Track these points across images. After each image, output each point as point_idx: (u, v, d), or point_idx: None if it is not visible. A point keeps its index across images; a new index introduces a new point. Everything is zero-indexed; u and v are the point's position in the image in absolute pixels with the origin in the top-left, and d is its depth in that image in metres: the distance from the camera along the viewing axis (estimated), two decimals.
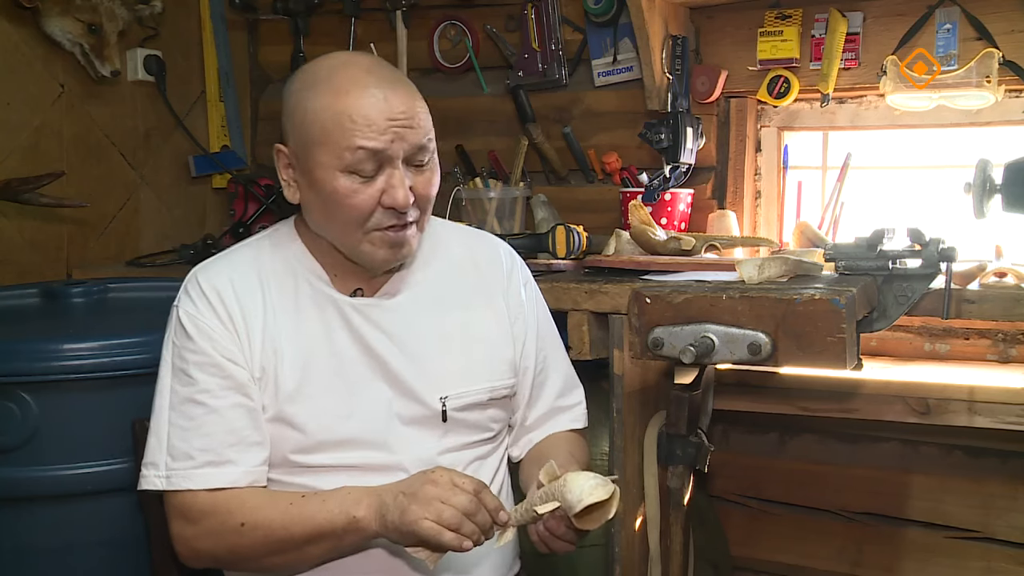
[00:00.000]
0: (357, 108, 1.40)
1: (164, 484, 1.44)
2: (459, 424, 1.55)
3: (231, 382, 1.45)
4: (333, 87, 1.42)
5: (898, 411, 2.06)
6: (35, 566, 1.81)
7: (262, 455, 1.46)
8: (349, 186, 1.42)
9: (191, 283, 1.51)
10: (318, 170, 1.43)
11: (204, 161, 3.02)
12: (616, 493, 1.35)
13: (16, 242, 2.57)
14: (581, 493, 1.33)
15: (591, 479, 1.35)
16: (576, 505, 1.32)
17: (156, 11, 2.82)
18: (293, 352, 1.48)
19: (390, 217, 1.45)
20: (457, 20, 2.83)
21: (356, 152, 1.40)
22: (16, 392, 1.77)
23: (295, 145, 1.46)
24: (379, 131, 1.40)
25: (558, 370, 1.71)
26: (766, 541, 2.61)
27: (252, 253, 1.56)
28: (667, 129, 2.34)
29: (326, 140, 1.41)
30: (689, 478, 1.94)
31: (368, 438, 1.49)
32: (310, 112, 1.42)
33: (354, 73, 1.43)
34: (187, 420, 1.44)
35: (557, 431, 1.68)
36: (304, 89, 1.45)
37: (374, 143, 1.40)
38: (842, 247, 1.79)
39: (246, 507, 1.42)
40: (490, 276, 1.65)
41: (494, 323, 1.62)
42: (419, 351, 1.54)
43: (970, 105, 2.24)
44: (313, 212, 1.50)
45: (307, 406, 1.47)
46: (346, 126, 1.40)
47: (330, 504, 1.40)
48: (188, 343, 1.46)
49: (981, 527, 2.37)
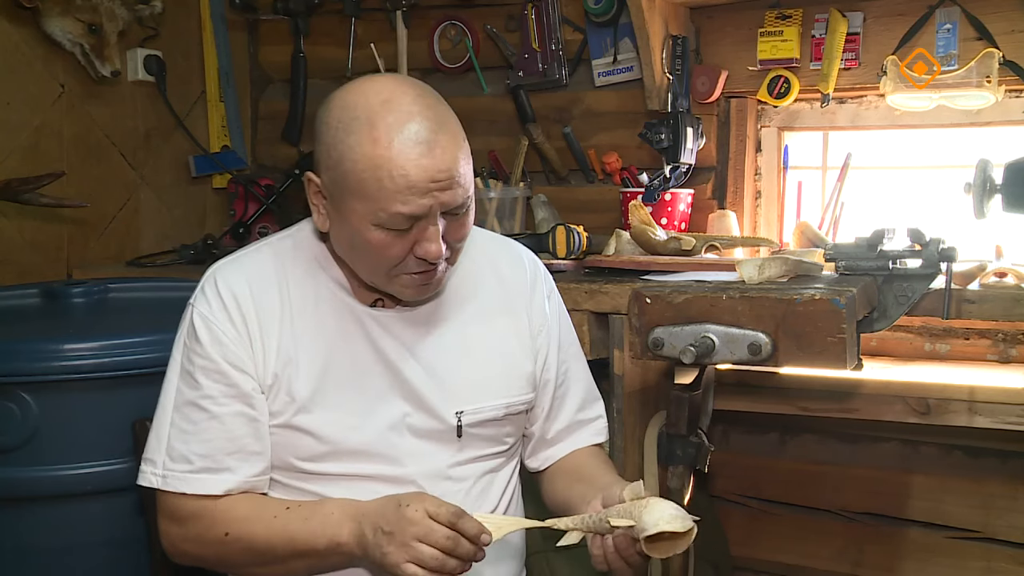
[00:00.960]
0: (397, 166, 1.31)
1: (159, 483, 1.44)
2: (473, 439, 1.53)
3: (235, 390, 1.43)
4: (373, 134, 1.32)
5: (898, 411, 2.06)
6: (35, 566, 1.81)
7: (260, 465, 1.45)
8: (383, 239, 1.36)
9: (208, 283, 1.48)
10: (352, 216, 1.36)
11: (204, 161, 3.01)
12: (693, 530, 1.33)
13: (16, 242, 2.57)
14: (659, 518, 1.31)
15: (673, 509, 1.33)
16: (651, 528, 1.30)
17: (156, 11, 2.82)
18: (309, 359, 1.46)
19: (421, 265, 1.40)
20: (457, 20, 2.83)
21: (392, 216, 1.34)
22: (16, 392, 1.76)
23: (329, 183, 1.39)
24: (419, 193, 1.33)
25: (579, 383, 1.67)
26: (766, 541, 2.61)
27: (273, 254, 1.52)
28: (667, 129, 2.34)
29: (362, 194, 1.34)
30: (689, 478, 1.94)
31: (379, 450, 1.47)
32: (347, 159, 1.34)
33: (396, 118, 1.33)
34: (188, 423, 1.44)
35: (579, 446, 1.65)
36: (341, 128, 1.36)
37: (411, 208, 1.33)
38: (842, 247, 1.79)
39: (231, 517, 1.42)
40: (513, 287, 1.61)
41: (515, 337, 1.58)
42: (437, 364, 1.51)
43: (970, 105, 2.24)
44: (341, 245, 1.45)
45: (320, 414, 1.45)
46: (385, 186, 1.32)
47: (312, 524, 1.39)
48: (197, 346, 1.44)
49: (981, 527, 2.37)
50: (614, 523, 1.34)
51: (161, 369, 1.51)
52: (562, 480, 1.61)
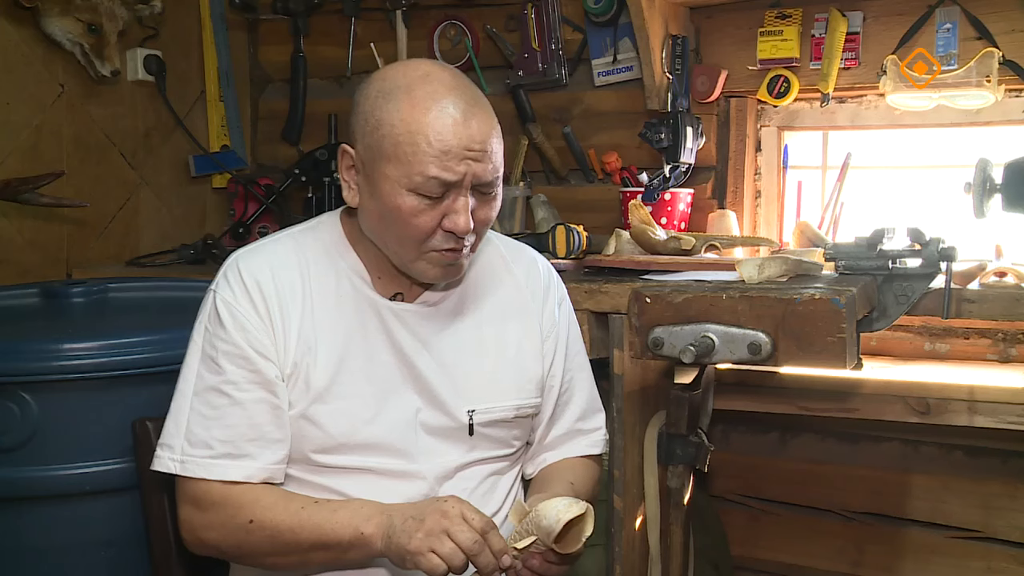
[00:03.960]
0: (434, 130, 1.36)
1: (178, 468, 1.43)
2: (484, 439, 1.54)
3: (258, 376, 1.43)
4: (412, 100, 1.37)
5: (898, 411, 2.06)
6: (35, 566, 1.81)
7: (281, 453, 1.45)
8: (415, 205, 1.38)
9: (231, 269, 1.48)
10: (384, 183, 1.39)
11: (204, 161, 3.01)
12: (590, 509, 1.34)
13: (16, 242, 2.57)
14: (557, 514, 1.32)
15: (561, 500, 1.35)
16: (555, 526, 1.32)
17: (156, 11, 2.82)
18: (327, 350, 1.46)
19: (448, 240, 1.42)
20: (457, 20, 2.83)
21: (427, 179, 1.36)
22: (16, 392, 1.76)
23: (363, 151, 1.42)
24: (455, 159, 1.36)
25: (582, 393, 1.68)
26: (766, 541, 2.61)
27: (294, 245, 1.52)
28: (667, 129, 2.34)
29: (398, 157, 1.37)
30: (689, 478, 1.94)
31: (391, 444, 1.48)
32: (385, 123, 1.38)
33: (435, 89, 1.38)
34: (210, 409, 1.43)
35: (572, 455, 1.66)
36: (381, 96, 1.39)
37: (447, 174, 1.37)
38: (842, 247, 1.79)
39: (258, 505, 1.42)
40: (527, 291, 1.63)
41: (526, 340, 1.60)
42: (452, 362, 1.52)
43: (970, 105, 2.24)
44: (370, 219, 1.46)
45: (334, 406, 1.46)
46: (421, 148, 1.36)
47: (340, 515, 1.39)
48: (221, 331, 1.44)
49: (981, 527, 2.37)
50: (519, 547, 1.36)
51: (162, 369, 1.51)
52: (531, 488, 1.63)
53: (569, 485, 1.57)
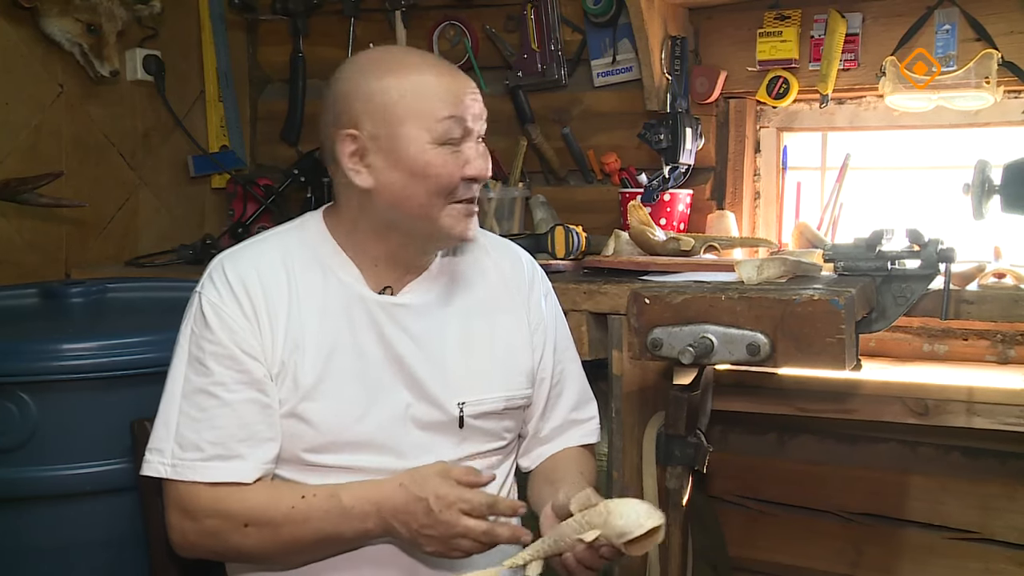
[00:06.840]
0: (435, 79, 1.46)
1: (169, 472, 1.43)
2: (474, 432, 1.55)
3: (247, 376, 1.43)
4: (407, 66, 1.47)
5: (897, 412, 2.06)
6: (35, 566, 1.81)
7: (272, 451, 1.45)
8: (440, 157, 1.45)
9: (216, 270, 1.49)
10: (410, 145, 1.44)
11: (203, 161, 3.01)
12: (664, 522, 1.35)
13: (15, 242, 2.57)
14: (638, 519, 1.33)
15: (641, 506, 1.35)
16: (635, 530, 1.32)
17: (155, 11, 2.81)
18: (315, 347, 1.47)
19: (468, 189, 1.48)
20: (456, 20, 2.83)
21: (447, 122, 1.44)
22: (16, 392, 1.76)
23: (373, 128, 1.45)
24: (460, 97, 1.46)
25: (574, 383, 1.70)
26: (765, 541, 2.61)
27: (279, 244, 1.53)
28: (666, 129, 2.34)
29: (414, 113, 1.44)
30: (688, 478, 1.93)
31: (382, 441, 1.48)
32: (390, 92, 1.44)
33: (408, 53, 1.54)
34: (199, 411, 1.43)
35: (569, 446, 1.68)
36: (372, 77, 1.46)
37: (459, 110, 1.45)
38: (841, 248, 1.79)
39: (249, 506, 1.42)
40: (513, 285, 1.65)
41: (516, 332, 1.62)
42: (441, 355, 1.53)
43: (969, 106, 2.24)
44: (390, 193, 1.47)
45: (323, 404, 1.46)
46: (432, 95, 1.44)
47: (333, 517, 1.40)
48: (207, 332, 1.44)
49: (980, 528, 2.37)
50: (586, 539, 1.35)
51: (161, 369, 1.50)
52: (537, 480, 1.64)
53: (580, 475, 1.59)
